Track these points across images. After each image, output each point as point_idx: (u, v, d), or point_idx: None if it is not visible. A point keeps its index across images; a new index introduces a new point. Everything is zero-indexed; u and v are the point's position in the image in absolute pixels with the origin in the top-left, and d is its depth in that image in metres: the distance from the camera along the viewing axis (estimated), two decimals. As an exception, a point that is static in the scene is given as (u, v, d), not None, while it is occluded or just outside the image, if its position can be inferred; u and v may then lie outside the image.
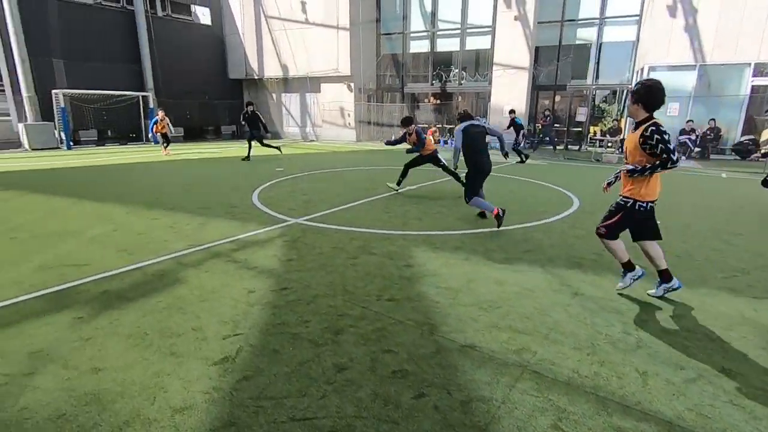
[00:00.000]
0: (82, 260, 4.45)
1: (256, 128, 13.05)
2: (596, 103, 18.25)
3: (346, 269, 4.22)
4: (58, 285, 3.82)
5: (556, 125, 18.37)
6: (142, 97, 18.45)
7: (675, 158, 3.10)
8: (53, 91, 15.98)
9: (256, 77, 22.29)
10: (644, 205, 3.33)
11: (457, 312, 3.33)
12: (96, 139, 18.00)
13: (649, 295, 3.63)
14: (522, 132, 13.29)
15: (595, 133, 17.83)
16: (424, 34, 20.53)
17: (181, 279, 3.97)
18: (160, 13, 20.08)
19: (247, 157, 12.97)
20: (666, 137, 3.12)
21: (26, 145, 15.51)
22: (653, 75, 14.32)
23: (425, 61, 21.00)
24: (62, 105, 15.72)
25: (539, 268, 4.24)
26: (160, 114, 14.41)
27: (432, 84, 20.84)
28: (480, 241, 5.13)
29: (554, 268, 4.24)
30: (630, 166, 3.30)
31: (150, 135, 16.59)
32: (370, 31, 20.54)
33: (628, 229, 3.50)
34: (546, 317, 3.24)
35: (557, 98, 18.75)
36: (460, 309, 3.38)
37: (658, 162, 3.16)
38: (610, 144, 15.65)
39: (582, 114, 15.18)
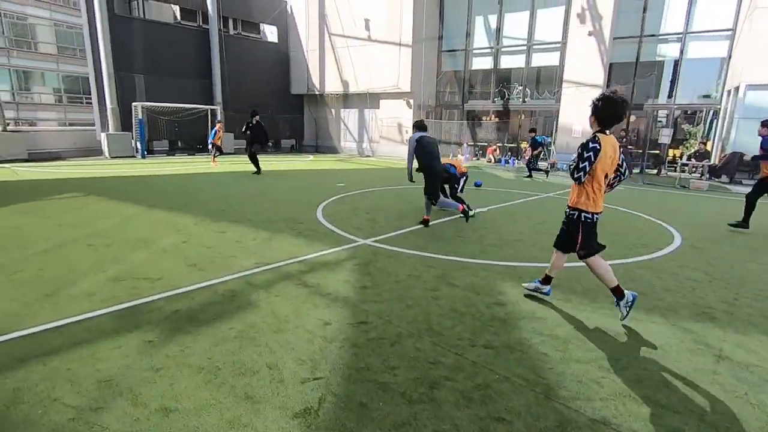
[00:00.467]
0: (154, 273, 4.33)
1: (259, 141, 12.33)
2: (677, 124, 16.76)
3: (428, 303, 3.76)
4: (129, 300, 3.67)
5: (629, 147, 17.04)
6: (211, 110, 19.30)
7: (575, 176, 3.26)
8: (133, 103, 17.07)
9: (317, 92, 22.75)
10: (589, 216, 3.39)
11: (572, 370, 2.76)
12: (167, 149, 19.00)
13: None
14: (540, 150, 13.71)
15: (674, 156, 16.34)
16: (488, 50, 20.03)
17: (252, 303, 3.70)
18: (231, 32, 21.09)
19: (258, 171, 12.42)
20: (585, 154, 3.20)
21: (106, 153, 16.60)
22: (751, 94, 12.87)
23: (487, 78, 20.45)
24: (140, 117, 16.73)
25: (660, 318, 3.55)
26: (219, 126, 15.36)
27: (494, 101, 20.21)
28: (575, 276, 4.49)
29: (680, 320, 3.53)
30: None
31: (211, 146, 17.31)
32: (431, 48, 20.36)
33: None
34: (692, 389, 2.59)
35: (632, 118, 17.45)
36: (576, 366, 2.80)
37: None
38: (695, 169, 14.19)
39: (665, 136, 13.90)
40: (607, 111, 3.18)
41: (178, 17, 20.24)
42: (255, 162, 12.46)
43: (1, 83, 30.91)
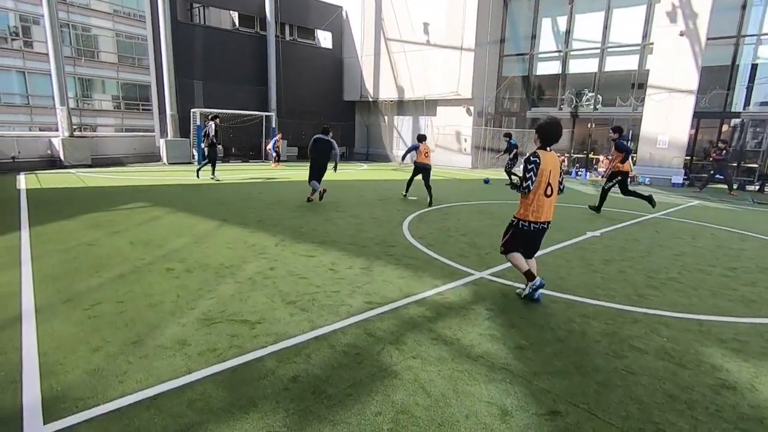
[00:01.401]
0: (250, 313, 3.56)
1: (214, 148, 12.07)
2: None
3: (625, 380, 2.75)
4: (233, 357, 2.88)
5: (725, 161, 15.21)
6: (266, 116, 19.02)
7: (523, 186, 3.70)
8: (192, 109, 17.00)
9: (370, 99, 22.13)
10: (526, 224, 3.82)
11: None
12: (222, 155, 18.84)
13: None
14: (514, 152, 12.95)
15: (776, 170, 14.40)
16: (555, 54, 18.71)
17: (388, 368, 2.82)
18: (287, 38, 20.85)
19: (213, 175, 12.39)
20: (529, 166, 3.66)
21: (165, 159, 16.56)
22: None
23: (553, 83, 19.12)
24: (198, 123, 16.60)
25: None
26: (279, 135, 17.11)
27: (560, 108, 18.82)
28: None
29: None
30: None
31: (271, 152, 17.26)
32: (492, 53, 19.26)
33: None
34: None
35: (724, 127, 15.63)
36: None
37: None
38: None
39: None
40: (548, 132, 3.73)
41: (237, 23, 20.22)
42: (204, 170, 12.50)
43: (68, 90, 32.41)
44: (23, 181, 11.17)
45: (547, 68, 19.15)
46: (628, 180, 8.40)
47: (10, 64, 28.48)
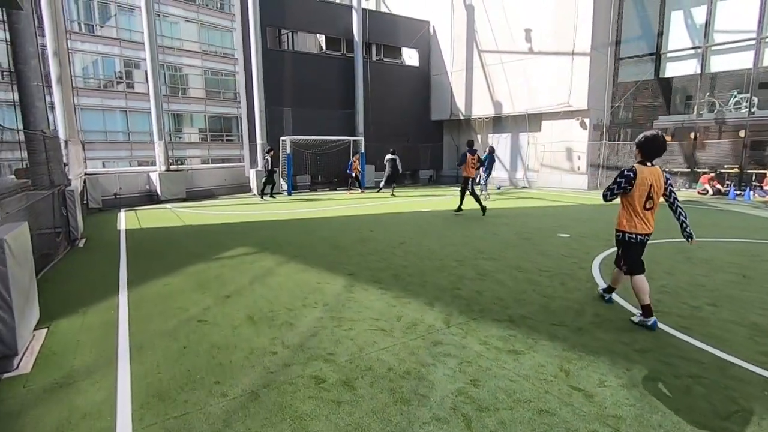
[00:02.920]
0: None
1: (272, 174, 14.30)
2: None
3: None
4: None
5: None
6: (354, 141, 17.94)
7: (608, 195, 3.90)
8: (281, 138, 16.33)
9: (461, 117, 20.35)
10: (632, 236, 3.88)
11: None
12: (309, 183, 18.01)
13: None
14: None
15: None
16: (691, 52, 15.70)
17: None
18: (374, 58, 19.88)
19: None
20: (619, 179, 3.82)
21: (255, 190, 15.94)
22: None
23: (688, 86, 16.05)
24: (288, 151, 15.83)
25: None
26: (356, 157, 16.73)
27: (699, 115, 15.65)
28: None
29: None
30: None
31: (355, 177, 16.27)
32: (605, 56, 16.65)
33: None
34: None
35: None
36: None
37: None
38: None
39: None
40: (654, 146, 3.75)
41: (323, 47, 19.65)
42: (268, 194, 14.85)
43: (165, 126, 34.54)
44: (123, 219, 10.69)
45: (679, 69, 16.16)
46: None
47: (114, 104, 30.78)
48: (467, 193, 10.27)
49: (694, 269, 5.64)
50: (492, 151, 14.52)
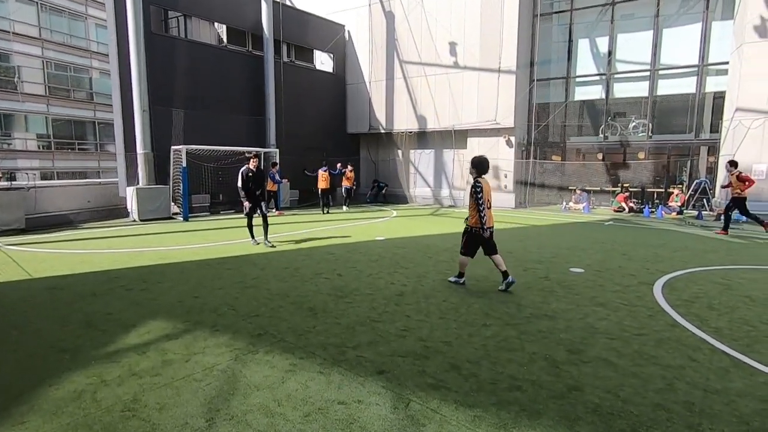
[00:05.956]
0: None
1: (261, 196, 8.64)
2: None
3: None
4: None
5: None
6: (265, 153, 15.02)
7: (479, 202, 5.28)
8: (173, 147, 12.72)
9: (382, 131, 18.86)
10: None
11: None
12: (208, 204, 14.50)
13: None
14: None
15: None
16: (596, 78, 16.71)
17: None
18: (284, 59, 17.23)
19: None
20: (475, 189, 5.28)
21: (135, 215, 12.01)
22: None
23: (594, 110, 17.05)
24: (184, 164, 12.33)
25: None
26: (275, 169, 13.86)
27: (605, 137, 16.66)
28: None
29: None
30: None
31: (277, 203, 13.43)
32: (525, 76, 16.89)
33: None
34: None
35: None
36: None
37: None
38: None
39: None
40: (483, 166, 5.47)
41: (224, 39, 16.36)
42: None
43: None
44: None
45: (588, 93, 17.09)
46: None
47: None
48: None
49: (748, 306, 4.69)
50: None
